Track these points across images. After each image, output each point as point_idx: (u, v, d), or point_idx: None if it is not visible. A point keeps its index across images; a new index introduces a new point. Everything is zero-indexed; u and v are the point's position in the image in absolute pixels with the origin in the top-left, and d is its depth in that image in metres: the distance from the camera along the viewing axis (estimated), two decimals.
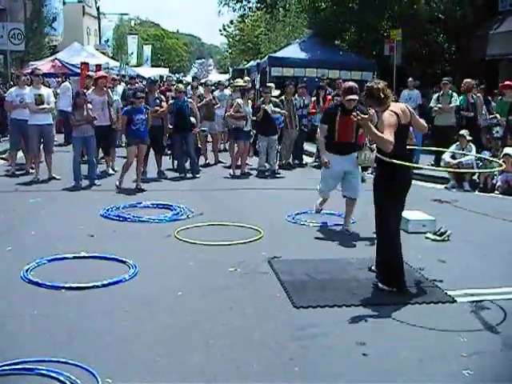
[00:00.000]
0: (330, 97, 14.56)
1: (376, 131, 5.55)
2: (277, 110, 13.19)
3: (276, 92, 15.11)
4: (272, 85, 16.03)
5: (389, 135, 5.48)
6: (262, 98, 13.43)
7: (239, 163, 13.28)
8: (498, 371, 4.30)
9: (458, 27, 20.50)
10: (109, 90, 12.67)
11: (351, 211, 8.22)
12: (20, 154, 12.87)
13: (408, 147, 6.17)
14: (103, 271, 6.21)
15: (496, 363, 4.42)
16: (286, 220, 8.70)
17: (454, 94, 14.11)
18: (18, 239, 7.48)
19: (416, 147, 9.53)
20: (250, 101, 13.46)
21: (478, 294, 5.77)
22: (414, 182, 6.21)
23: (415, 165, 5.95)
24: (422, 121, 6.34)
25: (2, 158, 14.09)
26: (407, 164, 5.70)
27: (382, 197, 5.82)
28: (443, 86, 14.08)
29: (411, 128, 6.35)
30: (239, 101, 13.16)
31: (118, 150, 13.55)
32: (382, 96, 5.71)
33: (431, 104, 14.18)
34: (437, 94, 14.24)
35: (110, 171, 12.38)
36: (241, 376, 4.13)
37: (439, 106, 13.86)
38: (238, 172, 12.96)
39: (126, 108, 11.58)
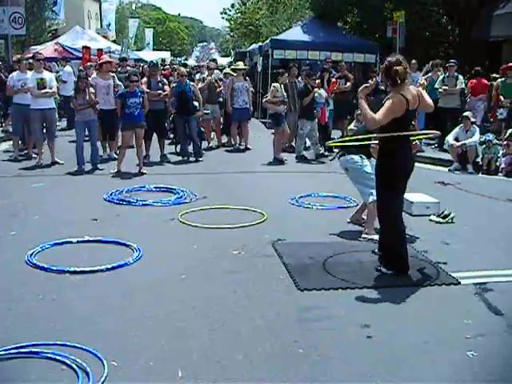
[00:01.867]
0: (334, 79, 14.53)
1: (365, 105, 5.59)
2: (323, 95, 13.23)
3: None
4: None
5: (380, 116, 5.49)
6: (303, 82, 13.21)
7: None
8: (502, 353, 4.31)
9: (461, 8, 20.36)
10: (114, 75, 12.63)
11: (368, 217, 7.18)
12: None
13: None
14: (107, 255, 6.23)
15: (500, 345, 4.42)
16: (289, 203, 8.69)
17: (460, 76, 14.04)
18: (21, 224, 7.48)
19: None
20: (283, 85, 13.14)
21: (482, 275, 5.78)
22: (417, 164, 6.19)
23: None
24: (430, 101, 6.25)
25: None
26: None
27: (384, 181, 5.78)
28: (449, 68, 14.01)
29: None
30: (276, 85, 12.85)
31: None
32: (397, 80, 5.58)
33: (436, 85, 14.09)
34: (442, 76, 14.16)
35: (114, 155, 12.36)
36: (245, 358, 4.14)
37: (445, 87, 13.78)
38: (283, 156, 12.78)
39: (119, 91, 11.54)
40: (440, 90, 13.85)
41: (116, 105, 11.34)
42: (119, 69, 14.95)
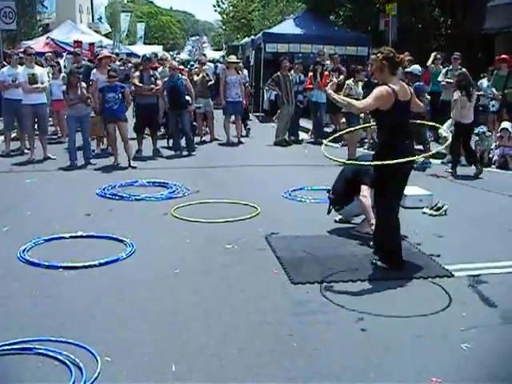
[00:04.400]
0: (327, 72, 14.51)
1: (342, 98, 5.67)
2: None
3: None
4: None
5: (366, 103, 5.54)
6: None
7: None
8: (496, 345, 4.31)
9: (454, 1, 20.35)
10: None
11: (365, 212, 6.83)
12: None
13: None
14: (100, 250, 6.20)
15: (494, 337, 4.43)
16: (282, 196, 8.69)
17: (463, 69, 13.96)
18: (14, 220, 7.45)
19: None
20: (360, 82, 12.35)
21: (476, 268, 5.79)
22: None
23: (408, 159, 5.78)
24: (419, 102, 6.28)
25: None
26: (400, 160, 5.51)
27: (383, 180, 5.74)
28: (453, 60, 13.89)
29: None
30: (350, 82, 12.18)
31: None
32: (397, 68, 5.72)
33: (439, 78, 14.00)
34: (445, 69, 14.08)
35: (110, 150, 12.28)
36: (240, 352, 4.13)
37: (448, 80, 13.67)
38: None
39: (101, 85, 11.49)
40: (443, 82, 13.74)
41: (97, 99, 11.29)
42: (74, 64, 14.15)
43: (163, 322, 4.62)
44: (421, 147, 11.23)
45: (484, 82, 13.44)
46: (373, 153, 6.19)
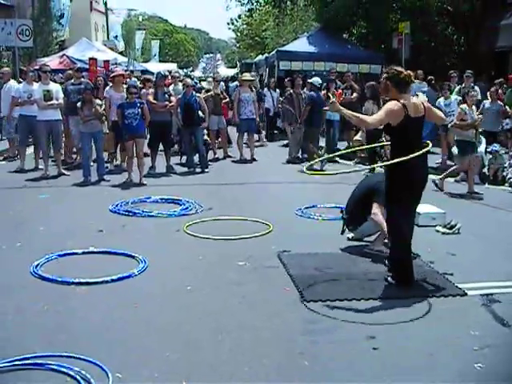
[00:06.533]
0: (340, 90, 14.56)
1: (352, 113, 5.66)
2: None
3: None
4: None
5: (376, 117, 5.55)
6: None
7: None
8: (509, 365, 4.28)
9: (467, 19, 20.38)
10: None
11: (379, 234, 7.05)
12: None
13: None
14: (112, 266, 6.22)
15: (507, 357, 4.39)
16: (295, 214, 8.67)
17: (476, 87, 13.94)
18: (27, 235, 7.49)
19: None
20: (474, 106, 10.86)
21: (489, 287, 5.74)
22: None
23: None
24: (439, 112, 6.28)
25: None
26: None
27: (393, 193, 5.74)
28: (466, 78, 13.91)
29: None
30: (464, 106, 10.47)
31: None
32: (406, 84, 5.74)
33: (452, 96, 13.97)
34: (458, 87, 14.08)
35: (124, 166, 12.34)
36: (250, 370, 4.12)
37: (460, 98, 13.63)
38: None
39: (120, 102, 11.59)
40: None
41: (117, 115, 11.39)
42: (72, 80, 13.62)
43: (174, 338, 4.62)
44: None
45: (441, 101, 13.10)
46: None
